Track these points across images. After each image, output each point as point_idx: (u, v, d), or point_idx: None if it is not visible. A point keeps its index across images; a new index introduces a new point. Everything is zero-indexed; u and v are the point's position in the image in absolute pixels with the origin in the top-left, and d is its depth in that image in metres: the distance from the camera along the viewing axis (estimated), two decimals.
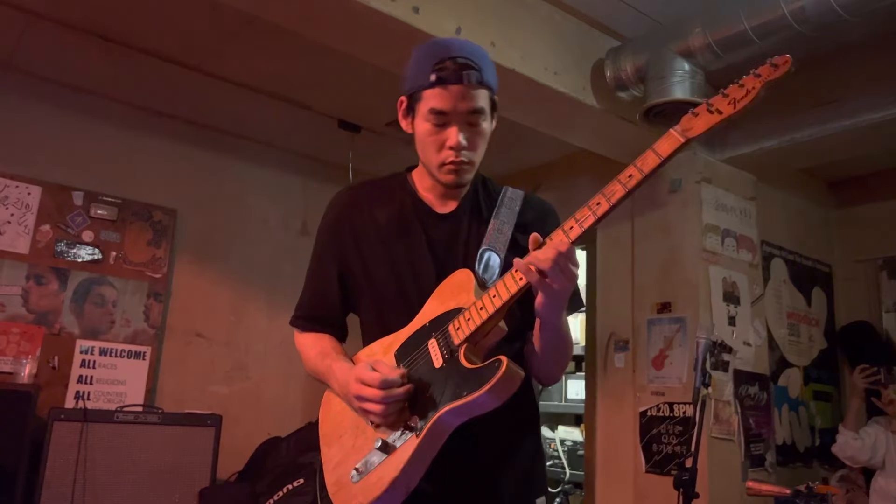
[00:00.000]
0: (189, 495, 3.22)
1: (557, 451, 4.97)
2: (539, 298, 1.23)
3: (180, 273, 3.93)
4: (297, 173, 4.47)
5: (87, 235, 3.64)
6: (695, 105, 3.14)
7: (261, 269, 4.23)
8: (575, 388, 5.20)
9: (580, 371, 5.19)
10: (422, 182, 1.51)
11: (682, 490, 2.26)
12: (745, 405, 3.50)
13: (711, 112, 1.13)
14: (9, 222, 3.43)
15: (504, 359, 1.17)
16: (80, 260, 3.60)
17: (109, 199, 3.74)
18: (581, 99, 3.08)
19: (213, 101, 3.80)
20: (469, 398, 1.17)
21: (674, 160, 3.70)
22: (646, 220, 3.76)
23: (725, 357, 3.45)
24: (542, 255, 1.17)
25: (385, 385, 1.24)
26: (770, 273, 4.00)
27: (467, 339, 1.24)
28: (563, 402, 5.25)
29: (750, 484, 2.77)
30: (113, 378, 3.59)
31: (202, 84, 3.58)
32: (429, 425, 1.20)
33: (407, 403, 1.27)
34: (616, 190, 1.17)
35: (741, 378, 3.51)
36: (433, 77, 1.34)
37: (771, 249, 4.04)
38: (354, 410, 1.34)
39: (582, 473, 4.11)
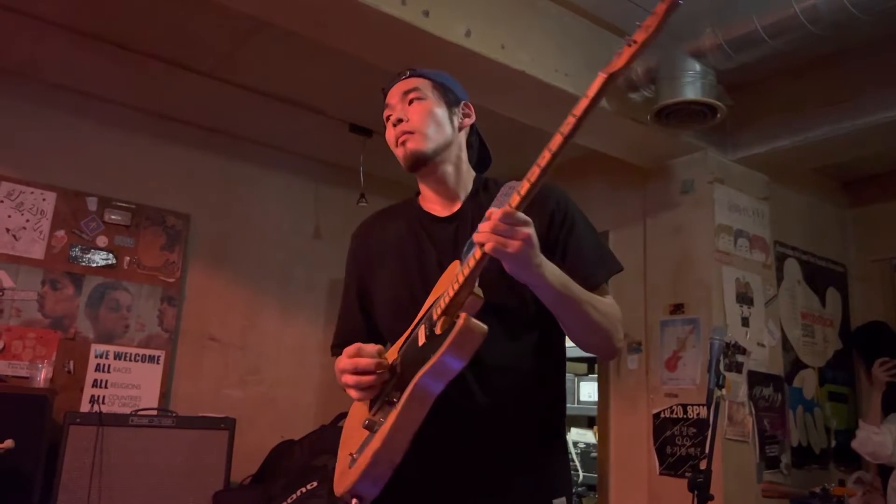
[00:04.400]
0: (203, 498, 3.24)
1: (570, 453, 4.97)
2: (504, 264, 1.22)
3: (194, 277, 3.95)
4: (308, 177, 4.49)
5: (102, 240, 3.67)
6: (707, 105, 3.13)
7: (273, 273, 4.25)
8: (587, 390, 5.19)
9: (593, 373, 5.18)
10: (425, 196, 1.58)
11: (696, 492, 2.25)
12: (759, 406, 3.48)
13: (630, 45, 1.13)
14: (24, 228, 3.46)
15: (462, 315, 1.19)
16: (94, 265, 3.63)
17: (123, 205, 3.77)
18: None
19: (226, 106, 3.83)
20: (434, 358, 1.20)
21: (686, 160, 3.68)
22: (658, 221, 3.75)
23: (739, 358, 3.43)
24: (484, 226, 1.18)
25: (357, 353, 1.33)
26: (784, 273, 3.97)
27: (443, 313, 1.26)
28: (576, 405, 5.25)
29: (765, 486, 2.76)
30: (127, 382, 3.61)
31: (214, 89, 3.60)
32: (405, 395, 1.23)
33: (394, 384, 1.31)
34: (556, 140, 1.17)
35: (755, 379, 3.49)
36: (383, 93, 1.56)
37: (784, 250, 4.01)
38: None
39: (595, 475, 4.10)
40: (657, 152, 3.64)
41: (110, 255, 3.68)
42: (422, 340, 1.30)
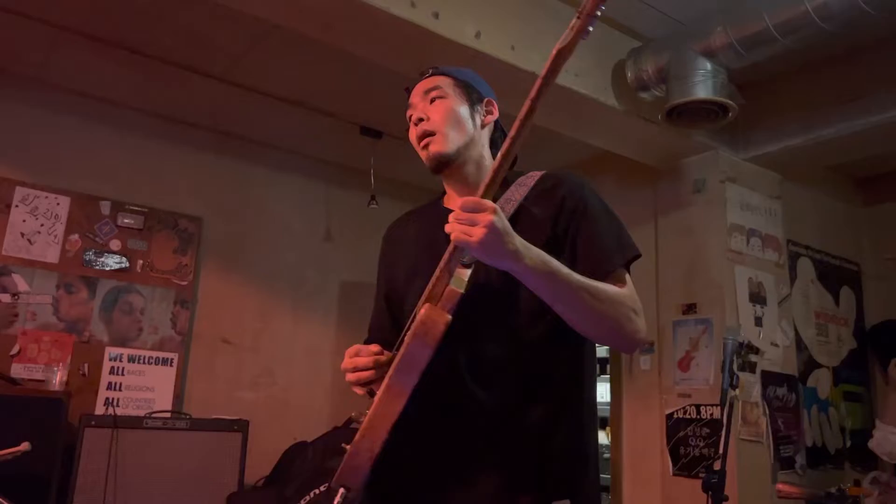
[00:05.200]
0: (217, 500, 3.25)
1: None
2: (473, 254, 1.21)
3: (206, 280, 3.97)
4: (320, 180, 4.50)
5: (115, 244, 3.70)
6: (718, 104, 3.10)
7: (285, 276, 4.27)
8: (599, 391, 5.17)
9: (605, 374, 5.16)
10: (448, 194, 1.58)
11: (710, 493, 2.24)
12: (773, 406, 3.46)
13: (579, 17, 1.13)
14: (39, 232, 3.50)
15: (425, 305, 1.20)
16: (108, 268, 3.65)
17: (136, 208, 3.79)
18: (602, 100, 3.07)
19: (237, 109, 3.85)
20: (401, 351, 1.21)
21: (698, 160, 3.65)
22: (670, 221, 3.74)
23: (752, 358, 3.41)
24: (451, 216, 1.18)
25: (356, 353, 1.35)
26: (797, 272, 3.95)
27: (422, 306, 1.25)
28: None
29: (780, 486, 2.74)
30: (141, 384, 3.63)
31: (225, 93, 3.62)
32: (381, 387, 1.24)
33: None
34: (515, 125, 1.17)
35: (769, 379, 3.47)
36: (406, 92, 1.55)
37: (797, 249, 3.99)
38: None
39: (608, 477, 4.08)
40: (668, 152, 3.63)
41: (123, 259, 3.71)
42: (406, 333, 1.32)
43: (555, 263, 1.22)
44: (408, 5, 2.47)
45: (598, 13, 1.14)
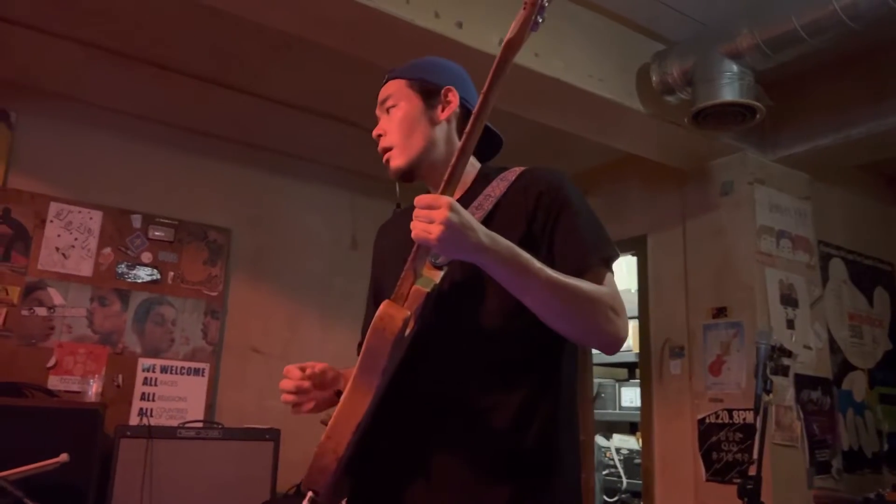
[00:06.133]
0: None
1: (613, 459, 4.92)
2: (435, 251, 1.20)
3: (236, 290, 4.02)
4: (345, 189, 4.54)
5: (146, 257, 3.76)
6: (746, 106, 3.07)
7: (313, 285, 4.30)
8: (629, 396, 5.14)
9: (634, 378, 5.13)
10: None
11: (746, 499, 2.22)
12: (807, 410, 3.41)
13: (524, 8, 1.12)
14: (73, 246, 3.57)
15: (385, 301, 1.19)
16: (140, 281, 3.71)
17: (166, 221, 3.85)
18: (627, 104, 3.06)
19: (263, 121, 3.89)
20: (363, 350, 1.20)
21: (725, 161, 3.61)
22: (698, 224, 3.70)
23: (785, 361, 3.36)
24: (413, 214, 1.15)
25: (284, 373, 1.42)
26: (829, 274, 3.89)
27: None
28: (618, 410, 5.20)
29: (817, 492, 2.70)
30: (174, 395, 3.69)
31: (251, 105, 3.67)
32: (349, 387, 1.23)
33: None
34: (470, 121, 1.19)
35: (802, 382, 3.42)
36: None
37: (829, 250, 3.93)
38: None
39: (639, 482, 4.05)
40: (695, 154, 3.60)
41: (155, 271, 3.77)
42: None
43: (525, 256, 1.18)
44: (431, 16, 2.49)
45: (546, 3, 1.13)
